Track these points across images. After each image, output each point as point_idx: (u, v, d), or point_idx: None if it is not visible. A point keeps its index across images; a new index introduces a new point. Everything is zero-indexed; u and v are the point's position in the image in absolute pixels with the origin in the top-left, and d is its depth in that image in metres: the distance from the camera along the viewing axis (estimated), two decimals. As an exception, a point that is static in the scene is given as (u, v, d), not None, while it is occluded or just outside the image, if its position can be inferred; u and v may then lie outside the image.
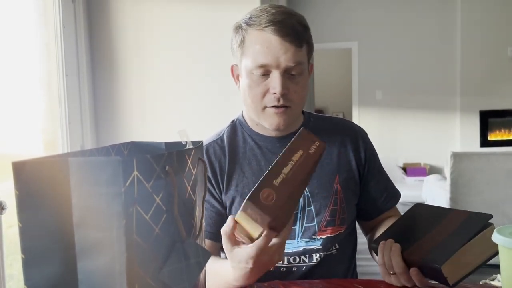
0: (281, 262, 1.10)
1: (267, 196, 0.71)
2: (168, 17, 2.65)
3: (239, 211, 0.73)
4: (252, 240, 0.76)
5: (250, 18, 1.05)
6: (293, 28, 1.01)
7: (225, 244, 0.80)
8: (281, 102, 1.04)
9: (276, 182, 0.73)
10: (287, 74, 1.04)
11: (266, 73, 1.04)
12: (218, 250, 1.13)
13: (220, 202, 1.13)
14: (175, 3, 2.65)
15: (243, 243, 0.79)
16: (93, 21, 2.62)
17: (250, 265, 0.79)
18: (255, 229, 0.74)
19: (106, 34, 2.64)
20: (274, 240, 0.78)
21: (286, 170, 0.75)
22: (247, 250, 0.77)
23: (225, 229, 0.78)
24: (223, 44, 2.62)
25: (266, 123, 1.10)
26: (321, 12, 6.59)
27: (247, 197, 0.72)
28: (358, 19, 6.61)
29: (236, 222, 0.76)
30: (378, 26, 6.57)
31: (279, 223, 0.74)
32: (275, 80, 1.03)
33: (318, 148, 0.78)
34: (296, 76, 1.05)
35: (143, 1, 2.64)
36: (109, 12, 2.63)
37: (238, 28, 1.09)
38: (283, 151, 0.80)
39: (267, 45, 1.01)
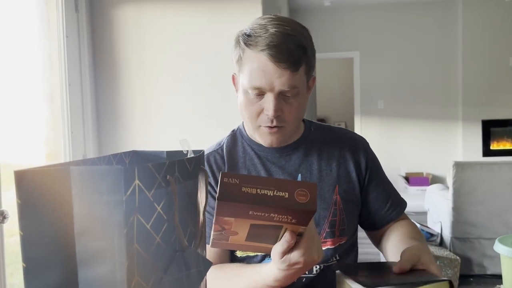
0: None
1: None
2: (171, 27, 2.67)
3: None
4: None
5: (248, 36, 1.04)
6: (289, 53, 1.00)
7: (278, 255, 0.82)
8: (275, 123, 1.05)
9: None
10: (281, 96, 1.04)
11: (261, 94, 1.04)
12: (228, 256, 1.13)
13: None
14: (178, 13, 2.66)
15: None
16: (96, 31, 2.64)
17: (301, 264, 0.82)
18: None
19: (109, 44, 2.66)
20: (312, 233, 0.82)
21: None
22: (299, 251, 0.80)
23: (282, 248, 0.80)
24: (225, 54, 2.63)
25: (261, 140, 1.12)
26: (323, 22, 6.62)
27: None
28: (360, 28, 6.64)
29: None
30: (380, 35, 6.60)
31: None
32: (268, 103, 1.03)
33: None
34: (291, 98, 1.04)
35: (146, 11, 2.66)
36: (112, 22, 2.65)
37: (237, 43, 1.08)
38: None
39: (263, 68, 1.01)
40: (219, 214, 0.74)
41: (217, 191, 0.70)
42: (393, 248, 1.09)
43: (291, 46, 1.01)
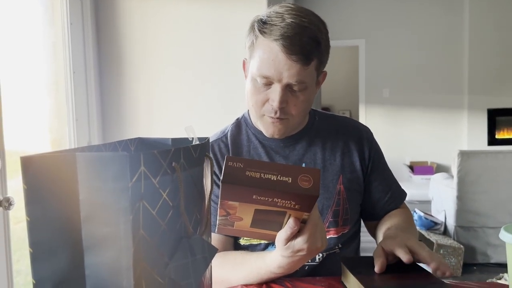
0: None
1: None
2: (175, 15, 2.66)
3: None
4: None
5: (264, 23, 1.03)
6: (302, 46, 0.99)
7: (282, 241, 0.82)
8: (278, 114, 1.05)
9: None
10: (288, 88, 1.03)
11: (268, 83, 1.03)
12: (232, 245, 1.14)
13: None
14: (182, 1, 2.65)
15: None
16: (100, 18, 2.63)
17: (304, 251, 0.82)
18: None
19: (113, 31, 2.65)
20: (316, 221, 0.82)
21: None
22: (302, 237, 0.81)
23: (286, 235, 0.81)
24: (229, 42, 2.63)
25: (263, 130, 1.12)
26: (328, 9, 6.57)
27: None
28: (365, 16, 6.59)
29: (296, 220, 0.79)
30: (386, 23, 6.55)
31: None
32: (274, 93, 1.02)
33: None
34: (298, 91, 1.04)
35: (150, -2, 2.65)
36: (116, 9, 2.64)
37: (251, 29, 1.07)
38: None
39: (273, 58, 1.00)
40: (223, 198, 0.74)
41: (222, 174, 0.71)
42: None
43: (305, 39, 0.99)
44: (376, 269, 0.87)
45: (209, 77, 2.67)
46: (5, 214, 1.58)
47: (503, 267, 3.14)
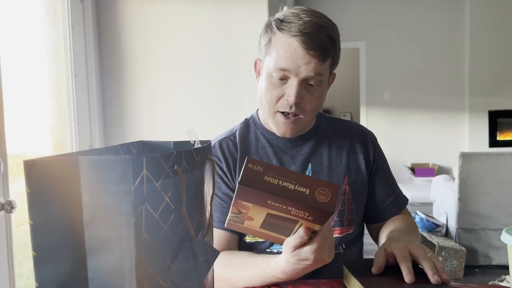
0: None
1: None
2: (177, 17, 2.66)
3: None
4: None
5: (281, 21, 1.06)
6: (320, 43, 1.02)
7: (289, 248, 0.83)
8: (293, 109, 1.06)
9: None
10: (304, 84, 1.05)
11: (284, 78, 1.05)
12: (236, 242, 1.14)
13: None
14: (183, 4, 2.65)
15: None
16: (101, 21, 2.64)
17: (310, 261, 0.83)
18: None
19: (114, 34, 2.66)
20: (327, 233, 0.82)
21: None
22: (310, 247, 0.81)
23: (295, 242, 0.81)
24: (231, 45, 2.63)
25: (275, 129, 1.13)
26: (329, 11, 6.55)
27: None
28: (366, 18, 6.59)
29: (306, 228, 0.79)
30: (386, 25, 6.55)
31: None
32: (291, 88, 1.04)
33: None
34: (313, 87, 1.06)
35: (152, 1, 2.65)
36: (118, 12, 2.65)
37: (268, 27, 1.10)
38: None
39: (291, 52, 1.02)
40: (238, 197, 0.74)
41: (240, 175, 0.71)
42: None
43: (322, 37, 1.03)
44: (373, 269, 0.88)
45: (210, 79, 2.67)
46: (7, 218, 1.58)
47: (505, 269, 3.13)
